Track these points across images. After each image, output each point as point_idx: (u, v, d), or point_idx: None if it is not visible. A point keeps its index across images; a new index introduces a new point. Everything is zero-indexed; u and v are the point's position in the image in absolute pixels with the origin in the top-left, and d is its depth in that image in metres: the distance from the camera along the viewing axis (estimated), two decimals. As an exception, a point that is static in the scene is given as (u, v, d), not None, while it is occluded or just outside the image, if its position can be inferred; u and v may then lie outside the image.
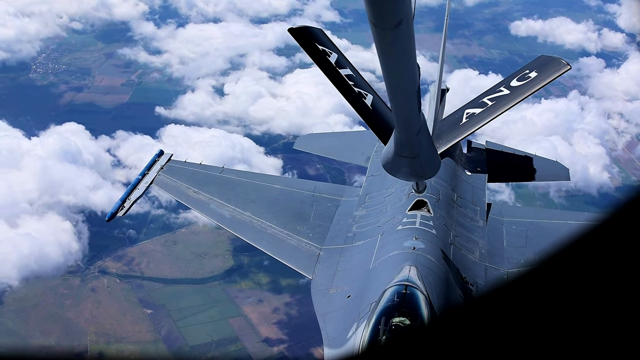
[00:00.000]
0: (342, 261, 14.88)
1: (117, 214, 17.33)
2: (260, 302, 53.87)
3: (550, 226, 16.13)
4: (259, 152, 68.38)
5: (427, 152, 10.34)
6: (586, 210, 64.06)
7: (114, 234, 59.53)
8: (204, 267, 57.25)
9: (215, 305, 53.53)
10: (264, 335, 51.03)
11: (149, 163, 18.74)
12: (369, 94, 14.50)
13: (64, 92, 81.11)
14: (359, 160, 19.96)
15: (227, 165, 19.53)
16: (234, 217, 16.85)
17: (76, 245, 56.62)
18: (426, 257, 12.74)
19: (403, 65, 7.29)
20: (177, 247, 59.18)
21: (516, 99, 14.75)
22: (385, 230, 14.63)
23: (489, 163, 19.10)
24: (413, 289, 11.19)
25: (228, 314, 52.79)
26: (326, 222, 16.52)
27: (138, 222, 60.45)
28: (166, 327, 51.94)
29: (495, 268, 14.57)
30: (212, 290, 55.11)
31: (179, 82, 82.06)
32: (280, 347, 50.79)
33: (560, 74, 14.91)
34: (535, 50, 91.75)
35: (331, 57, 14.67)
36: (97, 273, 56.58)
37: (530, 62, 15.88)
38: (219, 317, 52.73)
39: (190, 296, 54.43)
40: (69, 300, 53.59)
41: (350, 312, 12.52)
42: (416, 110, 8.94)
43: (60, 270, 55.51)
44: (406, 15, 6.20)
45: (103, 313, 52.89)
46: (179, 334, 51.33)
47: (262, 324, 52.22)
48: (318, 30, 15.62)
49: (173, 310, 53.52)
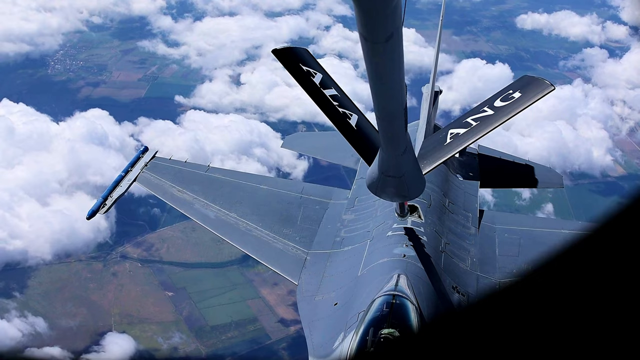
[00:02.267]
0: (330, 267, 14.46)
1: (98, 212, 16.73)
2: (276, 285, 54.67)
3: (544, 235, 15.71)
4: (275, 137, 71.00)
5: (412, 172, 10.10)
6: (590, 199, 66.89)
7: (136, 222, 61.60)
8: (222, 252, 58.01)
9: (234, 288, 55.21)
10: (281, 316, 52.77)
11: (133, 160, 18.18)
12: (354, 114, 13.98)
13: (81, 87, 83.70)
14: (348, 161, 19.42)
15: (245, 149, 21.04)
16: (219, 217, 16.37)
17: (105, 223, 58.92)
18: (416, 265, 12.44)
19: (392, 80, 7.23)
20: (195, 234, 60.01)
21: (500, 119, 14.26)
22: (375, 235, 14.29)
23: (482, 168, 18.72)
24: (403, 299, 10.88)
25: (246, 296, 54.49)
26: (314, 225, 16.03)
27: (159, 209, 62.70)
28: (187, 308, 53.86)
29: (487, 277, 14.23)
30: (230, 274, 56.61)
31: (197, 72, 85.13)
32: (296, 327, 51.33)
33: (544, 95, 14.41)
34: (541, 46, 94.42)
35: (316, 77, 14.26)
36: (119, 258, 58.71)
37: (513, 82, 15.40)
38: (237, 299, 54.55)
39: (210, 279, 56.02)
40: (92, 283, 55.79)
41: (337, 321, 12.13)
42: (403, 128, 8.78)
43: (90, 247, 57.94)
44: (397, 28, 6.17)
45: (126, 295, 54.86)
46: (199, 314, 53.17)
47: (279, 306, 53.84)
48: (303, 50, 15.20)
49: (193, 292, 55.31)
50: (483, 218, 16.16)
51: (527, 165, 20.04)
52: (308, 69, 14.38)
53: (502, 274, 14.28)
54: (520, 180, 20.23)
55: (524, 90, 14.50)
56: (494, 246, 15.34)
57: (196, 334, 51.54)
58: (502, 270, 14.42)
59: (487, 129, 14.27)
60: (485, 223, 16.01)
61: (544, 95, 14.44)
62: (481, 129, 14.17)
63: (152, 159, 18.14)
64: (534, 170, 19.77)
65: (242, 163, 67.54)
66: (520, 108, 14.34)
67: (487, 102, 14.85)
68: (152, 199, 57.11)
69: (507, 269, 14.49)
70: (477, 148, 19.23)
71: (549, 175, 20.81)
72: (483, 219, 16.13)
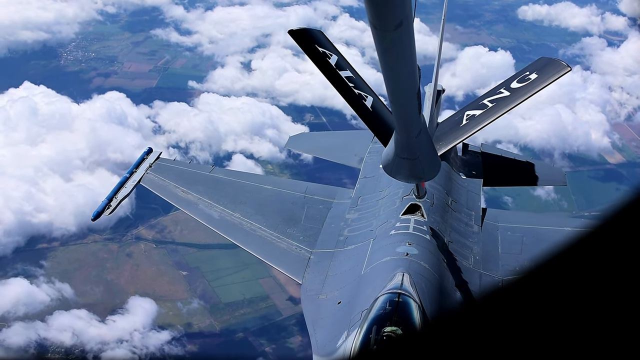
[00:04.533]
0: (333, 266, 14.48)
1: (103, 213, 16.82)
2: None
3: (547, 232, 15.71)
4: (286, 120, 73.86)
5: (427, 154, 10.30)
6: (590, 184, 69.49)
7: (149, 205, 62.41)
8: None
9: (246, 267, 56.13)
10: (290, 294, 53.92)
11: (137, 161, 18.20)
12: (369, 96, 14.11)
13: (93, 77, 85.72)
14: (351, 161, 19.41)
15: (257, 130, 22.45)
16: (223, 218, 16.44)
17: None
18: (419, 263, 12.44)
19: (403, 67, 7.36)
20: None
21: (516, 100, 14.28)
22: (378, 234, 14.23)
23: (485, 166, 18.67)
24: (406, 297, 10.88)
25: (258, 275, 55.54)
26: (317, 224, 16.04)
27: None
28: (201, 287, 55.92)
29: (490, 275, 14.25)
30: (242, 254, 56.11)
31: (210, 59, 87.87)
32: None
33: (560, 76, 14.39)
34: (543, 38, 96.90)
35: (331, 59, 14.37)
36: (134, 240, 60.72)
37: (530, 63, 15.38)
38: (250, 277, 55.93)
39: (223, 259, 57.17)
40: (109, 263, 57.93)
41: (340, 320, 12.17)
42: (416, 111, 8.94)
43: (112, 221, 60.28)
44: (406, 16, 6.25)
45: (141, 275, 56.74)
46: (213, 292, 55.18)
47: (290, 284, 53.89)
48: (318, 32, 15.25)
49: (207, 271, 57.21)
50: (486, 216, 16.18)
51: (531, 162, 20.17)
52: (324, 51, 14.45)
53: (505, 272, 14.30)
54: (523, 178, 20.27)
55: (540, 71, 14.44)
56: (497, 244, 15.33)
57: (210, 311, 53.48)
58: (505, 268, 14.46)
59: (502, 110, 14.35)
60: (488, 221, 16.01)
61: (561, 76, 14.51)
62: (497, 110, 14.24)
63: (157, 160, 18.21)
64: (537, 168, 19.89)
65: (255, 143, 70.51)
66: (537, 89, 14.35)
67: (504, 84, 14.95)
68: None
69: (510, 267, 14.51)
70: (480, 146, 19.28)
71: (552, 172, 21.19)
72: (486, 217, 16.15)
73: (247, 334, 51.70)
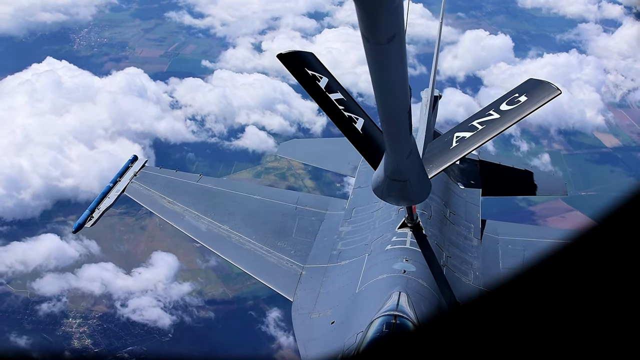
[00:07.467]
0: (326, 282, 13.94)
1: (85, 225, 16.19)
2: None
3: (549, 246, 14.97)
4: (296, 97, 77.26)
5: (417, 176, 10.13)
6: (586, 167, 72.84)
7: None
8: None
9: None
10: None
11: (122, 170, 17.76)
12: (360, 118, 13.67)
13: (105, 62, 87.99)
14: (344, 169, 19.09)
15: (269, 105, 21.84)
16: (210, 230, 15.90)
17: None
18: (417, 281, 11.98)
19: (395, 82, 7.30)
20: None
21: (506, 123, 13.91)
22: (373, 249, 13.72)
23: (483, 175, 18.29)
24: (403, 319, 10.48)
25: None
26: (309, 237, 15.49)
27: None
28: (214, 258, 56.12)
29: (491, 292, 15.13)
30: None
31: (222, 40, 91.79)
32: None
33: (550, 99, 13.96)
34: (543, 29, 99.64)
35: (321, 81, 13.90)
36: (148, 213, 64.15)
37: (519, 85, 14.91)
38: None
39: None
40: (126, 235, 60.58)
41: (333, 341, 11.73)
42: (407, 131, 8.77)
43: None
44: (399, 30, 6.22)
45: (157, 246, 58.20)
46: (226, 263, 57.54)
47: None
48: (308, 54, 14.73)
49: None
50: (485, 228, 15.69)
51: (529, 171, 19.86)
52: (314, 73, 14.01)
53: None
54: (523, 187, 19.88)
55: (530, 94, 14.10)
56: (498, 258, 14.87)
57: (223, 280, 56.33)
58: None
59: (493, 133, 14.01)
60: (488, 234, 15.52)
61: (550, 100, 14.06)
62: (487, 132, 13.89)
63: (142, 168, 17.86)
64: (536, 177, 19.57)
65: (266, 117, 74.29)
66: (527, 112, 13.97)
67: (493, 105, 14.64)
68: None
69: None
70: (478, 154, 18.77)
71: (552, 182, 20.73)
72: (485, 229, 15.66)
73: (258, 301, 53.85)
